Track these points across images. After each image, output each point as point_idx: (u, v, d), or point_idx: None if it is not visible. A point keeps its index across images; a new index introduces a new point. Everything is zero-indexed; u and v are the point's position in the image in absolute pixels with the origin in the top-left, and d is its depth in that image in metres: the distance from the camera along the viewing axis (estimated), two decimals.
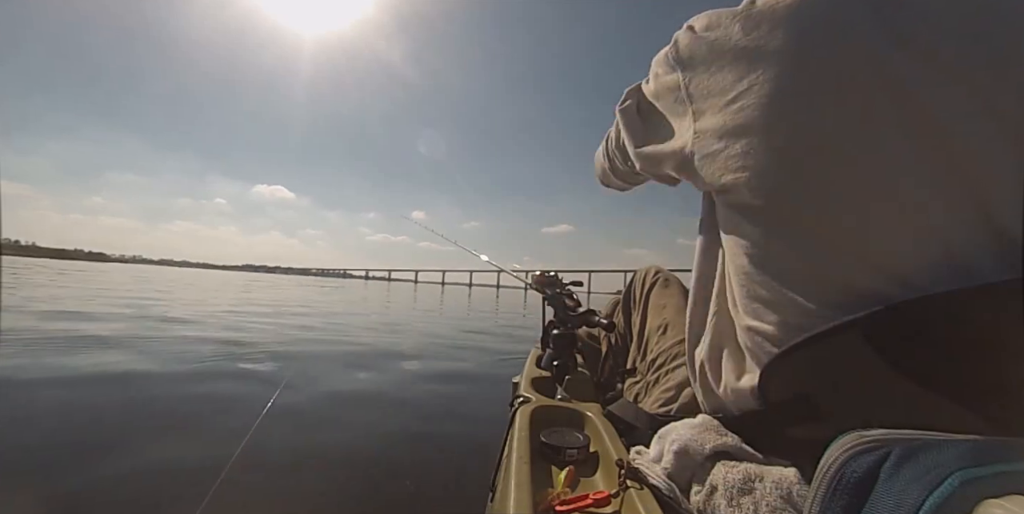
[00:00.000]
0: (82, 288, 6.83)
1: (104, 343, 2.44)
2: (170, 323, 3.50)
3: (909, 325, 0.32)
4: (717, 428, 0.42)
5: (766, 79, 0.37)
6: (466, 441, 1.37)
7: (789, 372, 0.37)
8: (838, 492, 0.23)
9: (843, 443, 0.24)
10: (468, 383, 2.16)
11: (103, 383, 1.69)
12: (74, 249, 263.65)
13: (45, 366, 1.85)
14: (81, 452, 1.10)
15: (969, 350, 0.30)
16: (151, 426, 1.32)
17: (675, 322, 0.74)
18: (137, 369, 1.91)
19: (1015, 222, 0.31)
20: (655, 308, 0.81)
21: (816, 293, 0.35)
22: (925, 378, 0.31)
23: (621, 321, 0.92)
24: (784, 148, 0.37)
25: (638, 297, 0.88)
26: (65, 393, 1.54)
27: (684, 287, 0.83)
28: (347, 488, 1.05)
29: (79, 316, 3.48)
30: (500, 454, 0.63)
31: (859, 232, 0.34)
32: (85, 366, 1.89)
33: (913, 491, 0.19)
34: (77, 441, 1.17)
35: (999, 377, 0.28)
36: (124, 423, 1.33)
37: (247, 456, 1.12)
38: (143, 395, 1.59)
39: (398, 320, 5.29)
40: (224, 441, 1.23)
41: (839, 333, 0.33)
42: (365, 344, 3.11)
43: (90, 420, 1.33)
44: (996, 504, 0.17)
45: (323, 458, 1.19)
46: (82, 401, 1.48)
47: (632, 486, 0.43)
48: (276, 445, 1.24)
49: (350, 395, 1.80)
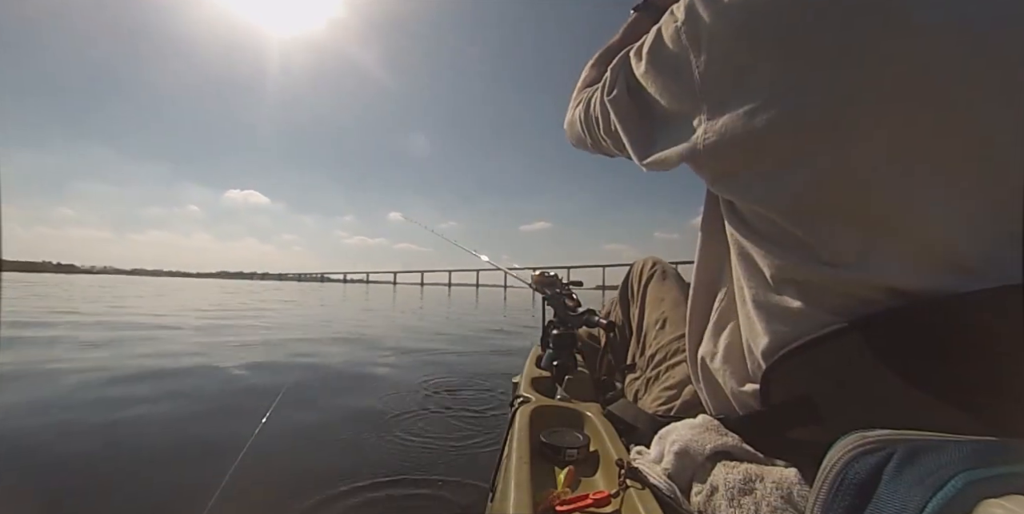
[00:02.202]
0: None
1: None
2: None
3: (911, 328, 0.31)
4: (718, 428, 0.42)
5: (811, 69, 0.32)
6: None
7: (791, 374, 0.37)
8: (840, 493, 0.22)
9: (846, 444, 0.24)
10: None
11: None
12: (42, 261, 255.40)
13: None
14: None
15: (971, 353, 0.29)
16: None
17: (673, 316, 0.73)
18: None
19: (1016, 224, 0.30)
20: (653, 301, 0.80)
21: (819, 295, 0.35)
22: (927, 381, 0.31)
23: (619, 314, 0.91)
24: (812, 150, 0.33)
25: (636, 290, 0.87)
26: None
27: (682, 280, 0.83)
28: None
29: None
30: (500, 454, 0.63)
31: (864, 236, 0.33)
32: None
33: (916, 493, 0.19)
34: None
35: (1001, 381, 0.28)
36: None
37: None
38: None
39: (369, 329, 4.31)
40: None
41: (841, 336, 0.33)
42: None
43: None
44: (996, 504, 0.17)
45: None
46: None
47: (632, 486, 0.43)
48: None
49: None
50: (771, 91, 0.34)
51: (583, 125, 0.60)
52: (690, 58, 0.38)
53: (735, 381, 0.43)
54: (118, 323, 4.11)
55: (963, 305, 0.29)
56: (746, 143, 0.36)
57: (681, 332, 0.68)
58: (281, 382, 1.97)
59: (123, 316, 4.77)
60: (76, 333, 3.30)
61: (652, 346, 0.72)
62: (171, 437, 1.30)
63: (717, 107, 0.37)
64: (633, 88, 0.46)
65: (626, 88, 0.47)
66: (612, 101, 0.49)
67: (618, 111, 0.48)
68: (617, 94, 0.48)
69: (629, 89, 0.47)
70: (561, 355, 0.90)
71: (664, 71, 0.42)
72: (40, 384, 1.81)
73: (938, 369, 0.30)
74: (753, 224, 0.40)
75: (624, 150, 0.51)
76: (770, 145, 0.35)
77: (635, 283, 0.88)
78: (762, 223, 0.39)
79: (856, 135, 0.32)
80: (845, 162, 0.33)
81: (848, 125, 0.32)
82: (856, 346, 0.33)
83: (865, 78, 0.31)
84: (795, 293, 0.36)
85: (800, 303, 0.36)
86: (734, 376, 0.43)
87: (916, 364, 0.31)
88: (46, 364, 2.16)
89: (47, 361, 2.23)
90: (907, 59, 0.31)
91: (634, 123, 0.47)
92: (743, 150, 0.36)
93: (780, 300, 0.37)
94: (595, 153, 0.67)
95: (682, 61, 0.39)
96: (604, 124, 0.53)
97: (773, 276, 0.38)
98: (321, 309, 7.42)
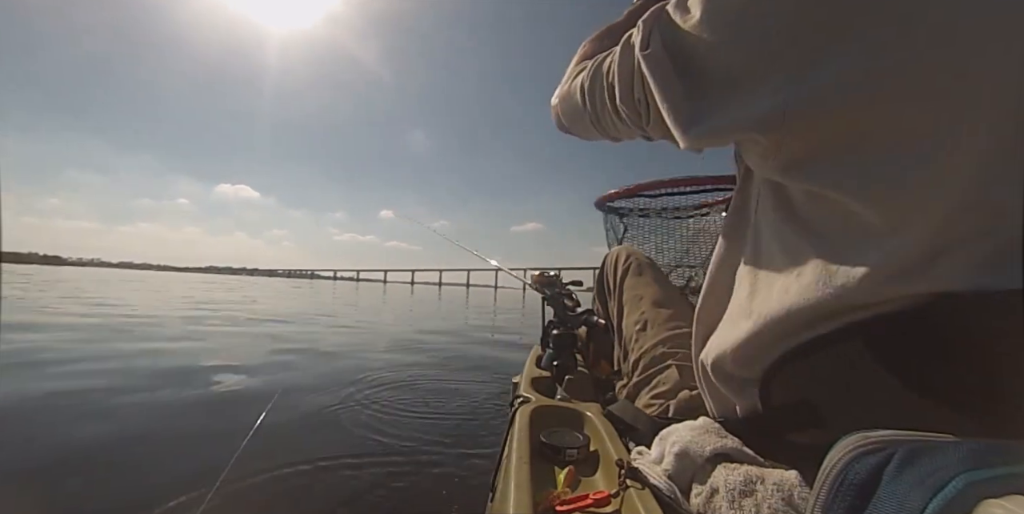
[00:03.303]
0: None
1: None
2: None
3: (913, 330, 0.31)
4: (718, 431, 0.42)
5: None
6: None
7: (791, 376, 0.37)
8: (840, 494, 0.22)
9: (846, 444, 0.24)
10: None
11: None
12: (28, 252, 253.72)
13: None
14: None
15: (973, 355, 0.29)
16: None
17: (654, 317, 0.72)
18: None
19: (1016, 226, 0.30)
20: (631, 300, 0.78)
21: (821, 296, 0.34)
22: (928, 383, 0.30)
23: (599, 308, 0.91)
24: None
25: (611, 285, 0.85)
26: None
27: (659, 272, 0.82)
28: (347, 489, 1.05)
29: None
30: (500, 454, 0.63)
31: (865, 235, 0.33)
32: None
33: (916, 494, 0.19)
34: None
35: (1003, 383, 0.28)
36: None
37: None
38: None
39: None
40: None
41: (843, 338, 0.33)
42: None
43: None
44: (996, 504, 0.17)
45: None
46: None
47: (632, 486, 0.44)
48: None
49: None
50: (890, 45, 0.28)
51: (586, 96, 0.51)
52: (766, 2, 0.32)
53: (737, 383, 0.42)
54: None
55: (965, 307, 0.29)
56: (852, 113, 0.30)
57: (663, 335, 0.67)
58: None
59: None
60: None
61: (635, 351, 0.71)
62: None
63: (807, 65, 0.30)
64: (674, 43, 0.37)
65: (661, 44, 0.38)
66: (648, 57, 0.39)
67: (655, 70, 0.39)
68: (654, 51, 0.39)
69: (666, 45, 0.38)
70: (561, 355, 0.90)
71: (726, 19, 0.34)
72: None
73: (940, 371, 0.30)
74: (807, 221, 0.36)
75: (643, 123, 0.44)
76: (882, 117, 0.30)
77: (610, 277, 0.86)
78: (818, 219, 0.35)
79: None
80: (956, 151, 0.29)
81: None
82: (858, 348, 0.33)
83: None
84: (799, 296, 0.36)
85: (804, 305, 0.35)
86: (736, 378, 0.43)
87: (918, 366, 0.31)
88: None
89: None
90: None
91: (676, 86, 0.37)
92: (846, 121, 0.31)
93: (784, 301, 0.37)
94: (587, 136, 0.58)
95: (755, 5, 0.32)
96: (624, 91, 0.44)
97: (781, 278, 0.37)
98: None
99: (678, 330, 0.67)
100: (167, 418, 1.46)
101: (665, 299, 0.75)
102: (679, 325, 0.68)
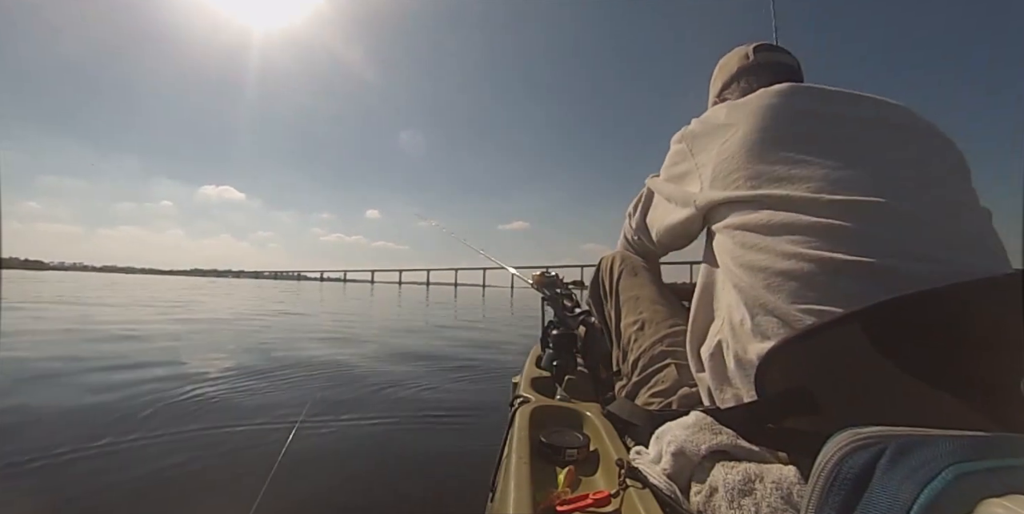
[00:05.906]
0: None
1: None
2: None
3: (907, 319, 0.32)
4: (711, 426, 0.42)
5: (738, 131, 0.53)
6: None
7: (787, 365, 0.38)
8: (834, 489, 0.23)
9: (839, 440, 0.24)
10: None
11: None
12: (8, 257, 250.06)
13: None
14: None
15: (967, 344, 0.30)
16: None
17: (651, 317, 0.73)
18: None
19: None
20: (628, 301, 0.79)
21: (816, 287, 0.36)
22: (923, 372, 0.31)
23: (595, 310, 0.91)
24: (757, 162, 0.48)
25: (607, 288, 0.86)
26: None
27: (653, 274, 0.83)
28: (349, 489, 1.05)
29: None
30: (500, 454, 0.63)
31: (854, 228, 0.34)
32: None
33: (908, 486, 0.19)
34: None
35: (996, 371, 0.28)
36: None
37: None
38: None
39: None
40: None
41: (838, 327, 0.34)
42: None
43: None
44: (997, 503, 0.17)
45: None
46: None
47: (632, 486, 0.43)
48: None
49: None
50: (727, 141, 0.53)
51: (626, 244, 0.88)
52: (685, 145, 0.61)
53: (733, 372, 0.43)
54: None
55: (955, 296, 0.30)
56: (723, 164, 0.53)
57: (661, 334, 0.68)
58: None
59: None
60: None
61: (634, 351, 0.71)
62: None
63: (702, 152, 0.58)
64: (647, 200, 0.73)
65: (645, 205, 0.74)
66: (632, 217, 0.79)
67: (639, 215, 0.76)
68: (637, 217, 0.77)
69: (644, 204, 0.74)
70: (561, 355, 0.90)
71: (674, 158, 0.64)
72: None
73: (933, 361, 0.31)
74: (743, 226, 0.44)
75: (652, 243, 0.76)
76: (737, 160, 0.51)
77: (606, 280, 0.87)
78: (751, 222, 0.43)
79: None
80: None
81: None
82: (852, 336, 0.33)
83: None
84: (792, 288, 0.37)
85: (797, 295, 0.37)
86: (732, 367, 0.43)
87: (910, 354, 0.32)
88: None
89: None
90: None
91: (648, 218, 0.73)
92: (722, 168, 0.53)
93: (777, 295, 0.38)
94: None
95: (682, 148, 0.62)
96: (632, 237, 0.83)
97: (767, 272, 0.39)
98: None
99: (676, 328, 0.68)
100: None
101: (661, 298, 0.75)
102: (676, 323, 0.69)
